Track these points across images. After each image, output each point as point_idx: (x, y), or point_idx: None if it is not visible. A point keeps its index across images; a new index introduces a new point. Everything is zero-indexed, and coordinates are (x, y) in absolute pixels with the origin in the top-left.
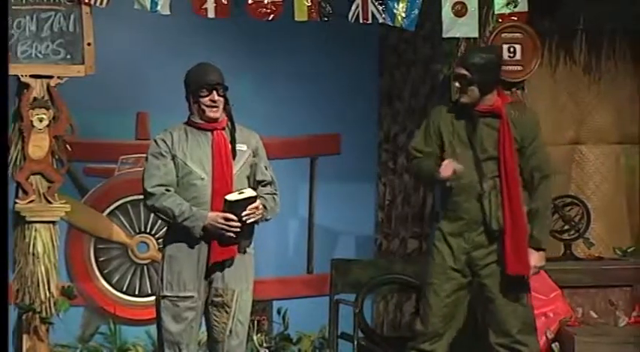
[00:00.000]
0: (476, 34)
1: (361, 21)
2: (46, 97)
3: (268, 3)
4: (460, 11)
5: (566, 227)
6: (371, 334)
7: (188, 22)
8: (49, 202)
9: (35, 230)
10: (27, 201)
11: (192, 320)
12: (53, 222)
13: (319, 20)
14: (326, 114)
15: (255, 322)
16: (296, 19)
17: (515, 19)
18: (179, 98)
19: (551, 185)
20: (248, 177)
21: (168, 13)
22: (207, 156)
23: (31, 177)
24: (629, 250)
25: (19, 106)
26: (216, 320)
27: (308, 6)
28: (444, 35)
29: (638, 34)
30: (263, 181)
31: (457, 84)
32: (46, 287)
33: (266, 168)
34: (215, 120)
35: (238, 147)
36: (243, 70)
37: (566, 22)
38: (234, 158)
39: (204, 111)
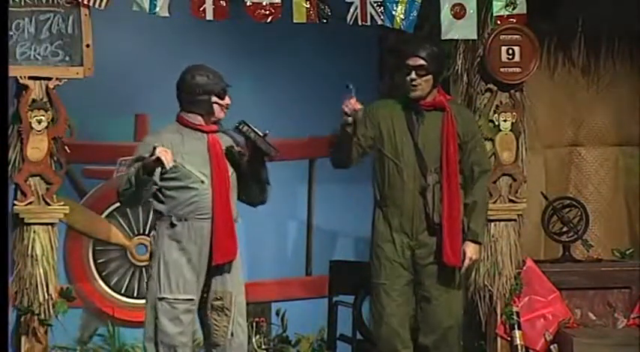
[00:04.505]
0: (474, 36)
1: (359, 23)
2: (45, 99)
3: (267, 5)
4: (459, 13)
5: (564, 229)
6: (369, 336)
7: (187, 23)
8: (48, 204)
9: (34, 232)
10: (25, 202)
11: (189, 322)
12: (52, 224)
13: (318, 22)
14: (325, 115)
15: (254, 324)
16: (295, 20)
17: (514, 21)
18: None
19: (488, 180)
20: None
21: (167, 14)
22: (205, 159)
23: (30, 178)
24: (627, 252)
25: (17, 108)
26: (216, 325)
27: (307, 8)
28: (443, 37)
29: (636, 35)
30: None
31: (413, 75)
32: (45, 289)
33: None
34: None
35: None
36: (241, 72)
37: (565, 23)
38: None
39: (213, 113)
